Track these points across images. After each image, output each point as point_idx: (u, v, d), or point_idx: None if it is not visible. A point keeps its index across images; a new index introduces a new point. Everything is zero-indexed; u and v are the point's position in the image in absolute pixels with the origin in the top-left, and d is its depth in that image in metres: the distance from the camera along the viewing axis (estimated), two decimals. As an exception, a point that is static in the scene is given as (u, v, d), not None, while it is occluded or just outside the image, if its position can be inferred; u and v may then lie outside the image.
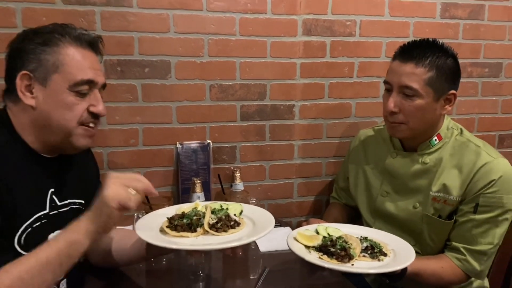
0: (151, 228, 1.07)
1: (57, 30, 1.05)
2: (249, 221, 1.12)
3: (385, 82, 1.35)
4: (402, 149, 1.42)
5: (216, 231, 1.04)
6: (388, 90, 1.34)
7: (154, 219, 1.12)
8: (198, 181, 1.52)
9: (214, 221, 1.06)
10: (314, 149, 1.81)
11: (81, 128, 1.07)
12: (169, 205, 1.41)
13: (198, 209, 1.11)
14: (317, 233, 1.22)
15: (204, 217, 1.07)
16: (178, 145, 1.65)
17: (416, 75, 1.26)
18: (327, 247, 1.12)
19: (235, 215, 1.11)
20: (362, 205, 1.53)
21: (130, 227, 1.43)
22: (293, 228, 1.63)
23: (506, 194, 1.26)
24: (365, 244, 1.15)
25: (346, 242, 1.12)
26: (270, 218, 1.10)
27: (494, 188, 1.26)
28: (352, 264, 1.08)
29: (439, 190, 1.33)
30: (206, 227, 1.04)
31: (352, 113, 1.83)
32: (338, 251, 1.10)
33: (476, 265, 1.27)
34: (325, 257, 1.10)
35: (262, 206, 1.70)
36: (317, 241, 1.15)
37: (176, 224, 1.05)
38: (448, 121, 1.39)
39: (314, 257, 1.09)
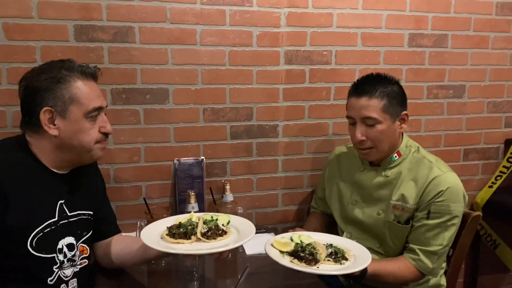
0: (154, 235, 1.30)
1: (63, 67, 1.25)
2: (235, 230, 1.36)
3: (348, 117, 1.58)
4: (368, 164, 1.66)
5: (207, 239, 1.27)
6: (352, 124, 1.57)
7: (156, 228, 1.35)
8: (193, 193, 1.75)
9: (206, 230, 1.29)
10: (296, 163, 2.05)
11: (97, 146, 1.31)
12: (168, 214, 1.65)
13: (192, 220, 1.34)
14: (292, 240, 1.45)
15: (197, 226, 1.30)
16: (176, 161, 1.88)
17: (372, 106, 1.50)
18: (298, 252, 1.34)
19: (223, 225, 1.34)
20: (336, 212, 1.76)
21: (134, 234, 1.67)
22: (277, 234, 1.87)
23: (452, 202, 1.49)
24: (330, 250, 1.38)
25: (314, 248, 1.35)
26: (251, 227, 1.34)
27: (442, 198, 1.49)
28: (318, 267, 1.30)
29: (398, 199, 1.56)
30: (199, 235, 1.27)
31: (329, 132, 2.07)
32: (306, 255, 1.32)
33: (428, 263, 1.50)
34: (295, 260, 1.32)
35: (250, 214, 1.94)
36: (290, 247, 1.37)
37: (174, 233, 1.28)
38: (407, 140, 1.63)
39: (286, 261, 1.32)
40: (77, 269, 1.32)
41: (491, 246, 2.29)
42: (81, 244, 1.35)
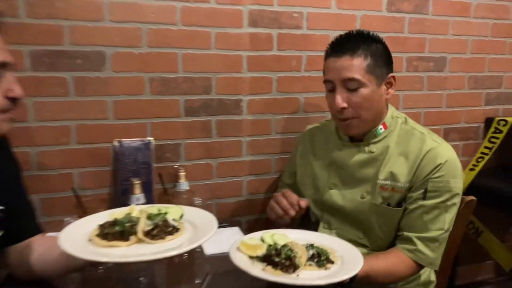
0: (78, 237, 0.96)
1: None
2: (190, 225, 1.03)
3: (326, 82, 1.31)
4: (348, 140, 1.39)
5: (152, 239, 0.94)
6: (331, 90, 1.30)
7: (83, 227, 1.00)
8: (137, 182, 1.41)
9: (150, 227, 0.96)
10: (263, 145, 1.75)
11: (2, 116, 0.97)
12: (105, 208, 1.30)
13: (132, 215, 1.01)
14: (263, 241, 1.15)
15: (138, 223, 0.97)
16: (116, 143, 1.53)
17: (354, 66, 1.24)
18: (271, 256, 1.04)
19: (174, 219, 1.02)
20: (310, 199, 1.48)
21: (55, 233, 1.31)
22: (242, 228, 1.57)
23: (452, 178, 1.26)
24: (311, 252, 1.09)
25: (291, 251, 1.05)
26: (212, 222, 1.02)
27: (441, 172, 1.25)
28: (298, 275, 1.01)
29: (386, 178, 1.30)
30: (140, 234, 0.94)
31: (300, 108, 1.78)
32: (282, 260, 1.02)
33: (428, 253, 1.25)
34: (269, 268, 1.02)
35: (209, 206, 1.63)
36: (261, 251, 1.07)
37: (107, 233, 0.94)
38: (393, 110, 1.37)
39: (257, 270, 1.01)
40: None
41: (473, 235, 2.10)
42: None
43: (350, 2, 1.78)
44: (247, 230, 1.61)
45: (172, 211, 1.06)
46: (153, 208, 1.06)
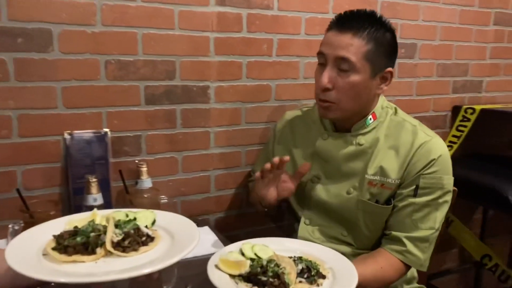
0: (30, 250, 0.78)
1: None
2: (165, 233, 0.88)
3: (319, 54, 1.18)
4: (333, 130, 1.28)
5: (123, 251, 0.78)
6: (322, 64, 1.18)
7: (35, 238, 0.83)
8: (94, 180, 1.22)
9: (120, 237, 0.80)
10: (232, 136, 1.60)
11: None
12: (56, 211, 1.12)
13: (96, 223, 0.84)
14: (242, 254, 1.02)
15: (105, 233, 0.80)
16: (67, 136, 1.33)
17: (353, 46, 1.11)
18: (257, 275, 0.91)
19: (146, 226, 0.86)
20: None
21: (2, 242, 1.12)
22: (210, 227, 1.43)
23: (445, 174, 1.18)
24: (300, 266, 0.97)
25: (278, 266, 0.93)
26: (191, 228, 0.87)
27: (434, 168, 1.16)
28: None
29: (375, 173, 1.21)
30: (108, 246, 0.78)
31: (272, 96, 1.65)
32: (270, 280, 0.90)
33: (418, 254, 1.17)
34: None
35: (174, 204, 1.46)
36: (244, 268, 0.94)
37: (67, 245, 0.77)
38: (383, 100, 1.27)
39: None
40: None
41: (443, 224, 2.08)
42: None
43: (323, -18, 1.66)
44: (216, 228, 1.47)
45: (142, 217, 0.90)
46: (120, 214, 0.90)
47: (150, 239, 0.83)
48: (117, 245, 0.79)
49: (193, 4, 1.44)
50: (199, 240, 0.81)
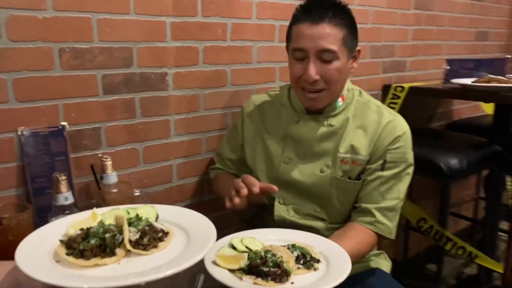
0: (40, 259, 0.72)
1: None
2: (172, 226, 0.86)
3: (296, 50, 1.21)
4: (304, 112, 1.32)
5: (144, 249, 0.76)
6: (299, 59, 1.21)
7: (36, 245, 0.76)
8: (63, 177, 1.13)
9: (137, 236, 0.77)
10: (192, 123, 1.58)
11: None
12: (28, 216, 1.03)
13: (104, 223, 0.79)
14: (234, 248, 1.03)
15: (119, 233, 0.76)
16: (21, 132, 1.21)
17: (332, 36, 1.16)
18: (258, 267, 0.94)
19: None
20: (262, 174, 1.39)
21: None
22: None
23: (408, 149, 1.30)
24: (295, 254, 1.01)
25: (275, 256, 0.96)
26: (200, 219, 0.87)
27: (399, 144, 1.28)
28: (292, 283, 0.93)
29: (346, 151, 1.29)
30: (128, 246, 0.74)
31: (228, 81, 1.65)
32: (272, 269, 0.93)
33: (387, 223, 1.27)
34: (259, 280, 0.92)
35: (147, 196, 1.41)
36: (243, 261, 0.95)
37: (83, 249, 0.72)
38: (348, 82, 1.35)
39: (248, 284, 0.91)
40: None
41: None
42: None
43: (271, -34, 1.68)
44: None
45: (144, 212, 0.87)
46: (120, 211, 0.86)
47: (165, 234, 0.81)
48: (136, 244, 0.76)
49: (148, -13, 1.38)
50: (215, 229, 0.81)
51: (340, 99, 1.30)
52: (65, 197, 1.14)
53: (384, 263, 1.44)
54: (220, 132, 1.64)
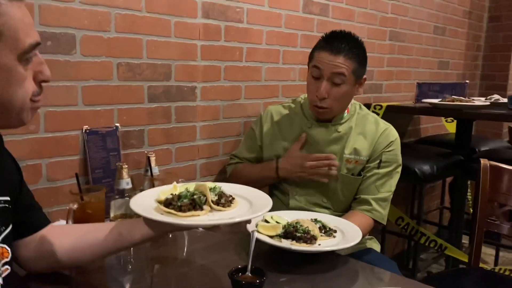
0: (149, 209, 0.99)
1: None
2: (236, 197, 1.14)
3: (314, 67, 1.52)
4: (315, 120, 1.64)
5: (223, 206, 1.03)
6: (316, 78, 1.52)
7: (140, 204, 1.03)
8: (125, 166, 1.39)
9: (216, 198, 1.05)
10: (213, 129, 1.87)
11: (31, 103, 0.86)
12: (102, 194, 1.29)
13: (185, 190, 1.07)
14: (267, 222, 1.32)
15: (203, 195, 1.04)
16: (85, 131, 1.46)
17: (346, 65, 1.48)
18: (293, 233, 1.23)
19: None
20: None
21: (62, 222, 1.25)
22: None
23: (399, 152, 1.63)
24: (318, 225, 1.31)
25: (302, 226, 1.25)
26: (255, 192, 1.15)
27: (392, 147, 1.60)
28: (319, 244, 1.23)
29: (351, 152, 1.60)
30: (211, 204, 1.02)
31: (242, 95, 1.95)
32: (304, 235, 1.22)
33: (381, 210, 1.59)
34: (294, 242, 1.21)
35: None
36: (279, 229, 1.25)
37: (180, 205, 1.00)
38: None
39: (287, 244, 1.20)
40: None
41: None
42: None
43: (278, 2, 2.02)
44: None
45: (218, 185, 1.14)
46: (190, 184, 1.13)
47: (232, 199, 1.09)
48: (216, 203, 1.03)
49: (185, 16, 1.68)
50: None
51: (346, 111, 1.63)
52: (127, 182, 1.39)
53: (375, 245, 1.76)
54: (234, 138, 1.94)
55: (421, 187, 2.46)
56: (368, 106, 2.62)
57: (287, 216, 1.39)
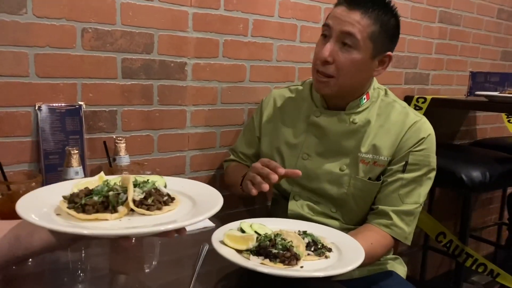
0: (41, 210, 0.71)
1: None
2: (182, 196, 0.84)
3: (325, 25, 1.20)
4: (325, 107, 1.30)
5: (148, 209, 0.73)
6: (325, 36, 1.20)
7: (38, 200, 0.75)
8: (75, 151, 1.13)
9: (142, 196, 0.75)
10: (208, 116, 1.57)
11: None
12: (38, 184, 1.03)
13: (110, 183, 0.78)
14: (242, 231, 1.01)
15: (123, 192, 0.75)
16: (39, 108, 1.22)
17: (360, 25, 1.14)
18: (267, 248, 0.91)
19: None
20: None
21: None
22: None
23: (432, 153, 1.25)
24: (306, 240, 0.99)
25: (285, 240, 0.93)
26: (207, 188, 0.85)
27: (423, 146, 1.23)
28: (301, 266, 0.90)
29: (368, 151, 1.24)
30: (131, 205, 0.73)
31: (246, 77, 1.64)
32: (281, 252, 0.90)
33: (404, 227, 1.22)
34: (267, 261, 0.90)
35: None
36: (252, 242, 0.93)
37: (85, 204, 0.71)
38: (375, 81, 1.32)
39: (255, 263, 0.88)
40: None
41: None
42: None
43: (295, -34, 1.70)
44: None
45: (153, 179, 0.85)
46: (131, 177, 0.84)
47: (171, 199, 0.79)
48: (140, 204, 0.74)
49: (172, -24, 1.40)
50: (222, 198, 0.79)
51: (364, 97, 1.27)
52: (76, 171, 1.13)
53: (399, 268, 1.39)
54: (235, 127, 1.63)
55: (469, 197, 2.02)
56: (410, 99, 2.23)
57: (274, 226, 1.07)
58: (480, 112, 2.75)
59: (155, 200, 0.75)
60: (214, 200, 0.77)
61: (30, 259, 0.97)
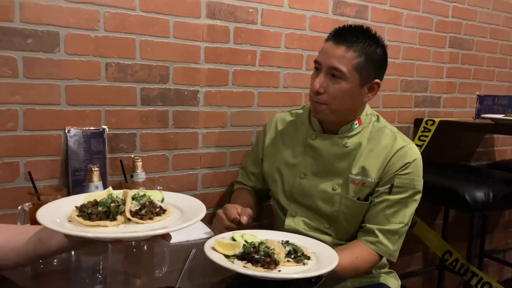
0: (57, 217, 0.88)
1: None
2: (174, 208, 1.00)
3: (315, 62, 1.34)
4: (321, 131, 1.43)
5: (141, 219, 0.90)
6: (317, 69, 1.34)
7: (57, 209, 0.93)
8: (96, 169, 1.33)
9: (137, 207, 0.91)
10: (218, 137, 1.74)
11: None
12: (62, 195, 1.21)
13: (114, 196, 0.95)
14: (234, 240, 1.15)
15: (123, 204, 0.92)
16: (68, 131, 1.43)
17: (345, 58, 1.27)
18: (251, 254, 1.05)
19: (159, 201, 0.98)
20: (278, 188, 1.50)
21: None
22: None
23: (417, 176, 1.34)
24: (287, 248, 1.12)
25: (268, 248, 1.07)
26: (197, 203, 1.00)
27: (408, 170, 1.33)
28: (279, 270, 1.03)
29: (358, 172, 1.36)
30: (128, 214, 0.89)
31: (254, 102, 1.80)
32: (263, 257, 1.04)
33: (389, 245, 1.31)
34: (249, 265, 1.03)
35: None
36: (238, 249, 1.07)
37: (90, 213, 0.88)
38: (367, 107, 1.43)
39: (238, 266, 1.02)
40: None
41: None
42: None
43: (301, 2, 1.85)
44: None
45: (153, 194, 1.02)
46: (133, 191, 1.01)
47: (163, 211, 0.95)
48: (135, 214, 0.90)
49: (186, 15, 1.59)
50: (205, 211, 0.94)
51: (356, 122, 1.39)
52: (96, 186, 1.32)
53: (392, 281, 1.48)
54: (244, 148, 1.79)
55: (473, 217, 2.06)
56: (419, 121, 2.32)
57: (264, 237, 1.21)
58: (497, 134, 2.78)
59: (148, 211, 0.91)
60: (198, 211, 0.92)
61: (55, 260, 1.16)
